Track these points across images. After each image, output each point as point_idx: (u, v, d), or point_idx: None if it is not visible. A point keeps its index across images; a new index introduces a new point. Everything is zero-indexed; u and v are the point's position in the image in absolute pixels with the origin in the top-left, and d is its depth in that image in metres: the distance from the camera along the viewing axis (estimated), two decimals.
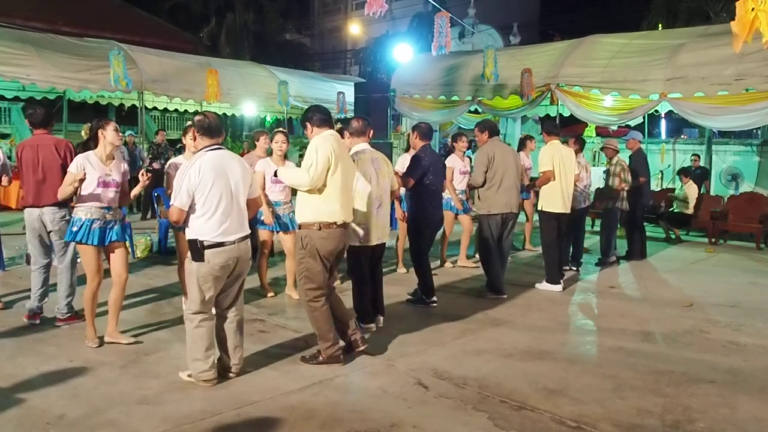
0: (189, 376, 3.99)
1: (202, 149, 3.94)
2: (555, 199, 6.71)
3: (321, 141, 4.27)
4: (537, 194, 7.33)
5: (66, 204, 5.06)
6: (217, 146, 3.96)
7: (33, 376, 4.07)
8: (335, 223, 4.31)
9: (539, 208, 6.87)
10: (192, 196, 3.79)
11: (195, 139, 4.03)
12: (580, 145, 7.99)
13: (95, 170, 4.58)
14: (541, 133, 7.86)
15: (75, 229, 4.58)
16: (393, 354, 4.64)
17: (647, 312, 6.05)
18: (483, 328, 5.37)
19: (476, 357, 4.64)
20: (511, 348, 4.84)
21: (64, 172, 4.86)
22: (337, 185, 4.28)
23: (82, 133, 4.95)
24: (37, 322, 5.14)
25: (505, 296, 6.35)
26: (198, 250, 3.82)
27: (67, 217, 5.03)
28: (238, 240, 3.92)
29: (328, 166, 4.21)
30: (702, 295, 6.69)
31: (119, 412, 3.57)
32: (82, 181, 4.47)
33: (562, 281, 6.81)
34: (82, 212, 4.59)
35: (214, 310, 4.10)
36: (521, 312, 5.98)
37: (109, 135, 4.65)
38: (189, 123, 4.11)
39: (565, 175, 6.69)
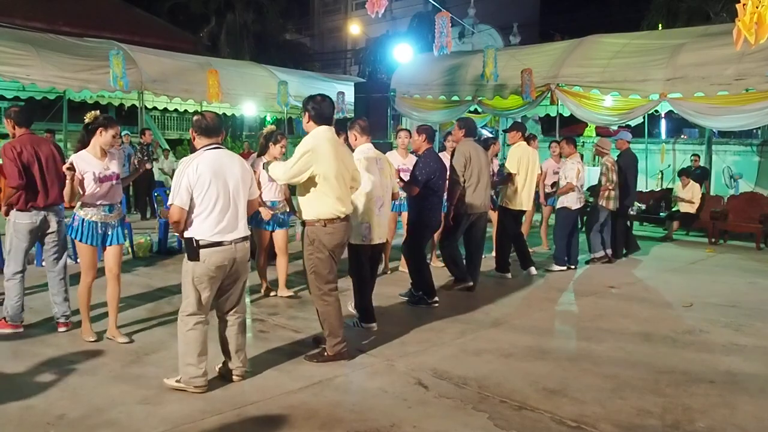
0: (178, 381, 3.86)
1: (200, 149, 3.92)
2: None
3: (310, 141, 4.31)
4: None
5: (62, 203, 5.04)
6: (216, 146, 3.94)
7: (33, 376, 4.07)
8: (338, 217, 4.37)
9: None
10: (191, 193, 3.77)
11: (194, 139, 4.00)
12: (573, 145, 8.05)
13: (90, 167, 4.55)
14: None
15: (76, 225, 4.60)
16: (393, 354, 4.64)
17: (647, 312, 6.05)
18: (483, 328, 5.37)
19: (476, 357, 4.64)
20: (511, 348, 4.84)
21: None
22: (329, 182, 4.31)
23: (86, 117, 4.83)
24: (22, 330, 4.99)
25: (472, 284, 6.49)
26: (194, 249, 3.78)
27: (66, 217, 5.03)
28: (236, 241, 3.87)
29: (309, 165, 4.25)
30: (702, 295, 6.68)
31: (119, 412, 3.56)
32: (80, 181, 4.47)
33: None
34: (83, 212, 4.61)
35: (215, 314, 4.09)
36: (521, 312, 5.99)
37: (105, 137, 4.62)
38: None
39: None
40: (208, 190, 3.78)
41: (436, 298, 6.02)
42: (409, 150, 7.19)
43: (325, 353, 4.43)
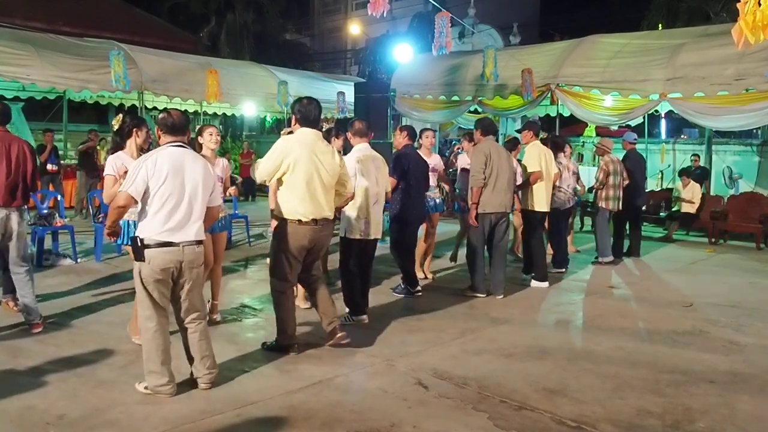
0: (146, 388, 3.78)
1: (164, 145, 3.82)
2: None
3: (280, 142, 4.45)
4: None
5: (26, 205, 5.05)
6: (180, 144, 3.84)
7: (33, 376, 4.06)
8: (300, 220, 4.40)
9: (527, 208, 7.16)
10: (147, 186, 3.64)
11: (159, 137, 3.91)
12: (557, 144, 8.06)
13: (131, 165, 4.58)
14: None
15: (129, 230, 4.51)
16: (393, 354, 4.64)
17: (647, 312, 6.05)
18: (483, 328, 5.37)
19: (476, 357, 4.64)
20: (511, 348, 4.85)
21: (33, 172, 4.93)
22: (299, 184, 4.36)
23: (113, 123, 4.88)
24: None
25: (485, 296, 6.31)
26: (138, 249, 3.65)
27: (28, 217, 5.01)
28: (185, 243, 3.72)
29: (278, 165, 4.34)
30: (702, 295, 6.69)
31: (119, 412, 3.56)
32: (125, 174, 4.47)
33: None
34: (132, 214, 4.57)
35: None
36: (521, 312, 5.98)
37: (141, 136, 4.71)
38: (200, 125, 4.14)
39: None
40: (162, 186, 3.65)
41: (419, 287, 6.25)
42: (433, 150, 7.48)
43: (276, 344, 4.59)
